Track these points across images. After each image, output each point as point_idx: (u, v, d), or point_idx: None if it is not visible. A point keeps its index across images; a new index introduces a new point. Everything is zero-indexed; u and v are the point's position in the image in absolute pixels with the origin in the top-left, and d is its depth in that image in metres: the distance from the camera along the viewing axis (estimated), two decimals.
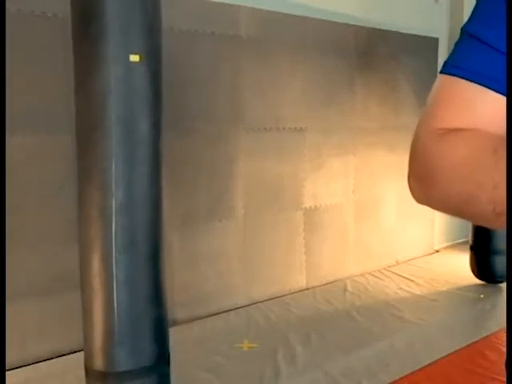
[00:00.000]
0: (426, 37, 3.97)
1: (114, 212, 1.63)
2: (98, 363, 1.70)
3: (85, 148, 1.70)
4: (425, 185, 0.57)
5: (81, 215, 1.73)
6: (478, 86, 0.53)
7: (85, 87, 1.67)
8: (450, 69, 0.57)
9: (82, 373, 2.23)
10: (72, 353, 2.40)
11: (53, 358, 2.36)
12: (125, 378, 1.69)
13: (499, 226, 0.49)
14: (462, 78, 0.55)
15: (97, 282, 1.67)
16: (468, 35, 0.56)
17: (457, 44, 0.58)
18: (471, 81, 0.54)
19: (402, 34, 3.77)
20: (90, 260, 1.69)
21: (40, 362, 2.33)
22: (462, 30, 0.58)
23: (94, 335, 1.70)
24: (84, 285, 1.73)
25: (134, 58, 1.61)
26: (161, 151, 1.75)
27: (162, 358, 1.78)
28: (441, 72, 0.58)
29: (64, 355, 2.39)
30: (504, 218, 0.47)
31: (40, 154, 2.31)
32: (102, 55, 1.61)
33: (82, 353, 2.39)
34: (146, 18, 1.67)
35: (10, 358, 2.09)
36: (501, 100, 0.53)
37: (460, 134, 0.54)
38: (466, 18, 0.59)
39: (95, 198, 1.67)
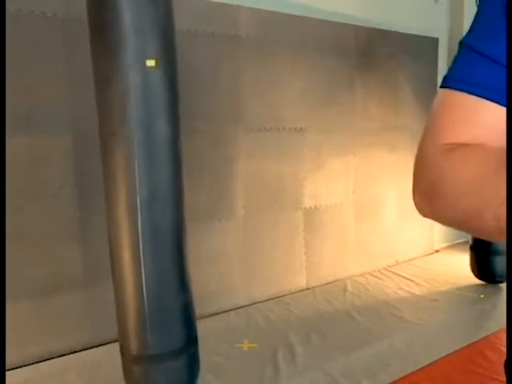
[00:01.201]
0: (426, 37, 3.97)
1: (139, 208, 1.74)
2: (133, 347, 1.83)
3: (108, 151, 1.78)
4: (431, 199, 0.57)
5: (108, 213, 1.83)
6: (482, 100, 0.54)
7: (105, 93, 1.75)
8: (452, 83, 0.57)
9: (83, 373, 2.24)
10: (72, 353, 2.41)
11: (53, 358, 2.36)
12: (158, 359, 1.83)
13: (503, 241, 0.50)
14: (465, 91, 0.55)
15: (127, 272, 1.79)
16: (469, 48, 0.56)
17: (456, 58, 0.58)
18: (474, 94, 0.54)
19: (401, 34, 3.77)
20: (119, 253, 1.80)
21: (40, 361, 2.33)
22: (460, 43, 0.58)
23: (128, 322, 1.83)
24: (115, 275, 1.84)
25: (150, 63, 1.68)
26: (180, 150, 1.86)
27: (191, 340, 1.92)
28: (442, 86, 0.58)
29: (64, 355, 2.39)
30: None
31: (40, 154, 2.31)
32: (120, 62, 1.68)
33: (82, 353, 2.41)
34: (161, 22, 1.73)
35: (10, 358, 2.09)
36: (504, 112, 0.53)
37: (466, 149, 0.54)
38: (466, 18, 0.59)
39: (121, 197, 1.77)
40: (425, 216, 0.59)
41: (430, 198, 0.57)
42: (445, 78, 0.58)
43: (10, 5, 2.12)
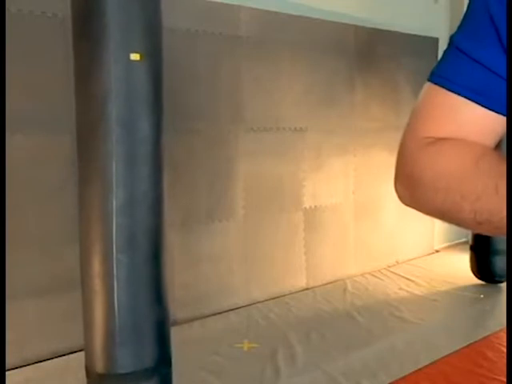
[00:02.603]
0: (425, 37, 3.97)
1: (115, 212, 1.62)
2: (99, 365, 1.69)
3: (85, 148, 1.69)
4: (411, 191, 0.59)
5: (81, 215, 1.72)
6: (464, 99, 0.55)
7: (85, 87, 1.67)
8: (438, 79, 0.58)
9: (82, 373, 2.23)
10: (72, 353, 2.40)
11: (53, 358, 2.36)
12: (126, 379, 1.68)
13: (480, 232, 0.53)
14: (449, 90, 0.56)
15: (97, 282, 1.66)
16: (455, 47, 0.57)
17: (445, 52, 0.59)
18: (457, 93, 0.56)
19: (402, 33, 3.77)
20: (90, 260, 1.68)
21: (40, 362, 2.33)
22: (450, 38, 0.59)
23: (95, 337, 1.69)
24: (84, 285, 1.72)
25: (135, 56, 1.61)
26: (162, 151, 1.74)
27: (164, 360, 1.76)
28: (429, 80, 0.59)
29: (64, 355, 2.39)
30: (484, 226, 0.50)
31: (40, 153, 2.31)
32: (103, 54, 1.61)
33: (82, 353, 2.40)
34: (146, 16, 1.66)
35: (10, 358, 2.09)
36: (485, 113, 0.55)
37: (445, 143, 0.56)
38: None
39: (96, 198, 1.66)
40: (405, 204, 0.62)
41: (409, 189, 0.59)
42: (432, 72, 0.59)
43: (10, 5, 2.12)
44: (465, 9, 0.58)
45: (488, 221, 0.49)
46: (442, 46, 4.10)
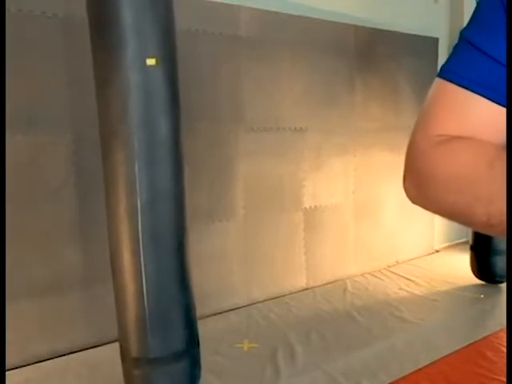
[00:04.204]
0: (425, 37, 3.97)
1: (140, 210, 1.72)
2: (133, 350, 1.81)
3: (108, 151, 1.77)
4: (421, 190, 0.58)
5: (109, 214, 1.82)
6: (474, 95, 0.54)
7: (105, 93, 1.74)
8: (448, 74, 0.57)
9: (82, 373, 2.24)
10: (72, 353, 2.41)
11: (53, 358, 2.36)
12: (158, 363, 1.81)
13: (492, 234, 0.52)
14: (459, 85, 0.55)
15: (127, 274, 1.78)
16: (466, 42, 0.56)
17: (455, 48, 0.58)
18: (467, 89, 0.54)
19: (402, 33, 3.77)
20: (119, 254, 1.79)
21: (40, 361, 2.33)
22: (461, 33, 0.57)
23: (128, 324, 1.81)
24: (116, 278, 1.83)
25: (151, 61, 1.68)
26: (181, 150, 1.83)
27: (192, 342, 1.90)
28: (439, 75, 0.58)
29: (64, 355, 2.39)
30: (497, 229, 0.49)
31: (40, 154, 2.31)
32: (120, 61, 1.67)
33: (82, 353, 2.41)
34: (160, 21, 1.72)
35: (10, 357, 2.09)
36: (497, 109, 0.53)
37: (458, 143, 0.54)
38: (465, 18, 0.58)
39: (121, 198, 1.75)
40: (413, 202, 0.60)
41: (419, 187, 0.58)
42: (443, 68, 0.58)
43: (10, 5, 2.12)
44: (465, 9, 0.58)
45: (501, 223, 0.47)
46: (442, 45, 4.11)
